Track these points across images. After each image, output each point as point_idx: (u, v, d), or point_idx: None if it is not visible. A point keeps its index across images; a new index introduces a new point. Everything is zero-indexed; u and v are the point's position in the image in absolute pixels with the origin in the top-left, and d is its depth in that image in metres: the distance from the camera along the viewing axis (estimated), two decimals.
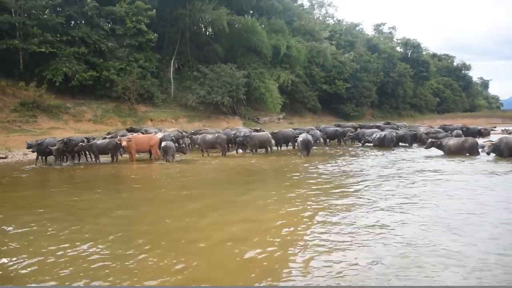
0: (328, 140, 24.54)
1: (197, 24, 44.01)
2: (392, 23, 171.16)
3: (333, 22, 70.36)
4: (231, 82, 40.06)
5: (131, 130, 24.11)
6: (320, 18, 71.21)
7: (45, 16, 35.35)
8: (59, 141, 17.56)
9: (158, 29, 44.44)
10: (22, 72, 35.37)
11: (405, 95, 67.15)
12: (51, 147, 17.09)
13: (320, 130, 24.19)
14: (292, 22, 53.05)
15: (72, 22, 37.42)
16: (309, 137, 18.22)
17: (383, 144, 20.68)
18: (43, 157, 17.82)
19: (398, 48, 75.54)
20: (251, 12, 52.34)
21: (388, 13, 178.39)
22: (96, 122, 35.13)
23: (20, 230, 7.99)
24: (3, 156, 19.02)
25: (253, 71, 44.39)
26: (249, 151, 19.56)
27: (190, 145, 20.52)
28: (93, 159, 18.24)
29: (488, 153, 15.36)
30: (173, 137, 18.88)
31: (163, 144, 17.05)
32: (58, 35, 35.33)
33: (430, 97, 75.15)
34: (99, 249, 6.80)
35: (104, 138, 19.56)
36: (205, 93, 39.51)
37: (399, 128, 25.75)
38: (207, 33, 46.29)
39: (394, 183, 11.75)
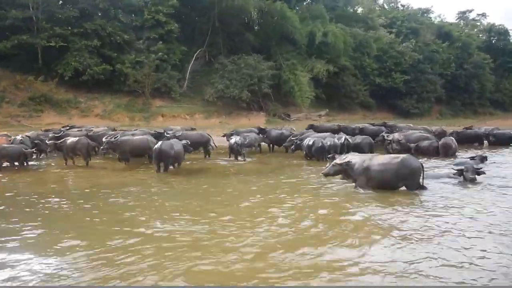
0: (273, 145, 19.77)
1: (227, 12, 40.66)
2: (482, 9, 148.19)
3: (397, 7, 62.70)
4: (252, 75, 36.29)
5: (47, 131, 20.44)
6: (384, 4, 64.03)
7: (57, 9, 34.66)
8: None
9: (188, 20, 42.30)
10: (41, 67, 35.05)
11: (483, 89, 57.18)
12: None
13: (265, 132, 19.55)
14: (335, 8, 47.57)
15: (88, 15, 36.07)
16: (234, 140, 14.33)
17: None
18: None
19: (480, 36, 65.17)
20: None
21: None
22: (103, 118, 33.64)
23: None
24: None
25: (285, 62, 40.12)
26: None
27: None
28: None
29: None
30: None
31: None
32: (69, 28, 34.44)
33: None
34: None
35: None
36: (223, 87, 36.18)
37: (394, 131, 20.14)
38: (239, 22, 42.51)
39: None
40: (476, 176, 10.92)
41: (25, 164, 14.56)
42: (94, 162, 15.88)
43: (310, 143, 15.67)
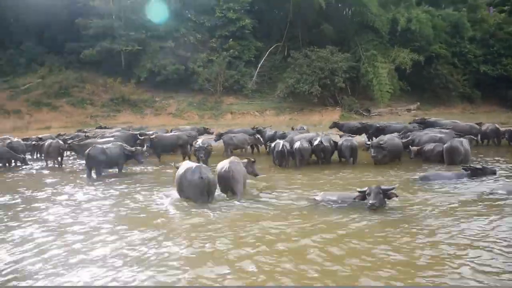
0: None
1: (301, 3, 38.78)
2: None
3: None
4: (324, 68, 34.09)
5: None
6: None
7: (133, 15, 36.58)
8: None
9: (264, 15, 41.53)
10: (124, 70, 37.39)
11: None
12: None
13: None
14: None
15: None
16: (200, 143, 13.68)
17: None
18: None
19: None
20: None
21: None
22: (175, 116, 34.62)
23: None
24: None
25: (364, 53, 36.98)
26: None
27: None
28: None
29: None
30: None
31: None
32: (143, 32, 36.15)
33: None
34: None
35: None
36: (294, 82, 34.59)
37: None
38: (314, 13, 40.14)
39: None
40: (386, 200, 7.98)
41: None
42: None
43: (273, 145, 13.69)
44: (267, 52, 38.84)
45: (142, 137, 15.56)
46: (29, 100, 34.02)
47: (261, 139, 17.76)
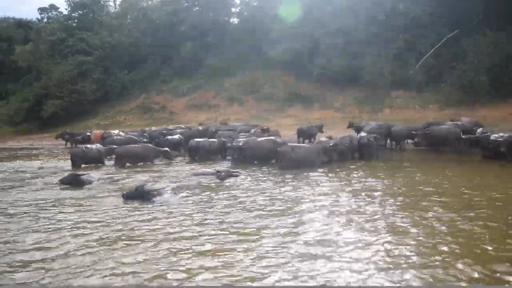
0: None
1: None
2: None
3: None
4: (494, 54, 29.21)
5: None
6: None
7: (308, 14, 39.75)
8: None
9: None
10: (304, 67, 40.92)
11: None
12: None
13: None
14: None
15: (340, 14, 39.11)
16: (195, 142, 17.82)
17: None
18: None
19: None
20: None
21: None
22: (338, 111, 36.33)
23: None
24: None
25: None
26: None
27: None
28: None
29: None
30: None
31: None
32: (316, 30, 38.96)
33: None
34: None
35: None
36: (460, 72, 30.92)
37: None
38: None
39: None
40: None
41: None
42: None
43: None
44: (444, 40, 35.25)
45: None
46: (226, 97, 42.19)
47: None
